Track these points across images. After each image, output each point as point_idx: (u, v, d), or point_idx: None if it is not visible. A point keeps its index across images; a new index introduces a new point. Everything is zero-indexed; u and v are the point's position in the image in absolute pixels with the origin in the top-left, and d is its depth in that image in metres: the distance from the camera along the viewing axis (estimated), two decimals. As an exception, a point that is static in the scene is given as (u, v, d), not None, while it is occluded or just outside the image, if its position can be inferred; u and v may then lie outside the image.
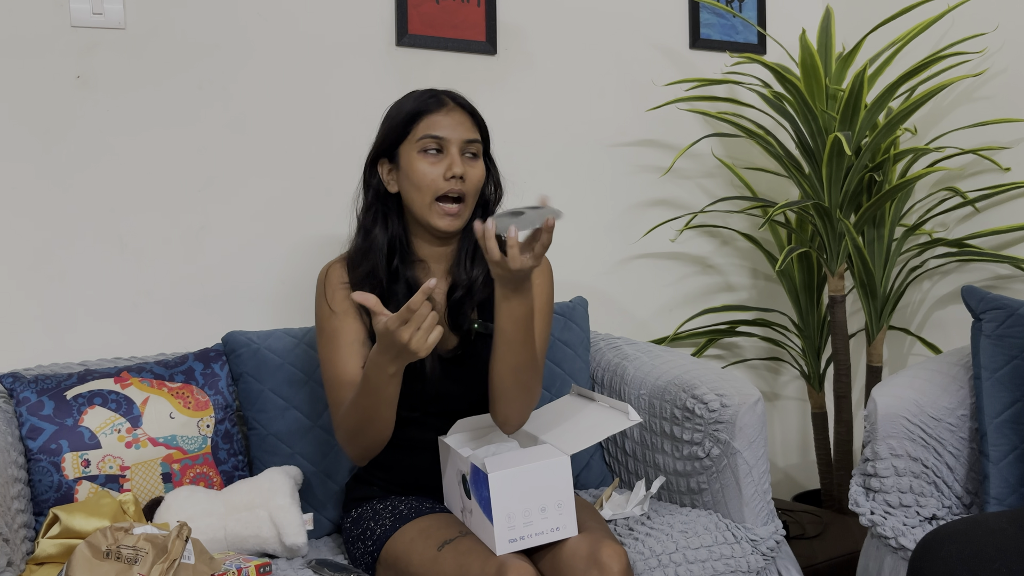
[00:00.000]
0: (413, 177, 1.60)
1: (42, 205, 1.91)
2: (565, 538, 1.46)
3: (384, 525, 1.62)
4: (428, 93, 1.64)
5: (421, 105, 1.61)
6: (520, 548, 1.43)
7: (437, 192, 1.59)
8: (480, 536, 1.49)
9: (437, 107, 1.61)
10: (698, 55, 2.67)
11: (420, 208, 1.61)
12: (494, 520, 1.43)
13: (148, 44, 1.98)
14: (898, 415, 1.79)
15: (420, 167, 1.59)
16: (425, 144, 1.59)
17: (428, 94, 1.64)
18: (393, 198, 1.67)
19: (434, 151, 1.60)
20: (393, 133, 1.63)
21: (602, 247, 2.57)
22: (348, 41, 2.19)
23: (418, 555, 1.52)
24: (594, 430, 1.55)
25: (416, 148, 1.60)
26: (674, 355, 2.04)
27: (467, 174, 1.60)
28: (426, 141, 1.59)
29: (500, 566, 1.39)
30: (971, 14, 2.43)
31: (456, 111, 1.63)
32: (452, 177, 1.59)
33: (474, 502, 1.50)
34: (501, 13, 2.37)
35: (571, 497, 1.47)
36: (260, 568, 1.54)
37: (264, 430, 1.84)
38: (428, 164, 1.59)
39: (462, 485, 1.55)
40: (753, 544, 1.77)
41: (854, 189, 2.33)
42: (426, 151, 1.60)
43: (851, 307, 2.79)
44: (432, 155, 1.60)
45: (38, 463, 1.66)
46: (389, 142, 1.63)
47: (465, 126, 1.62)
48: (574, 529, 1.47)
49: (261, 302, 2.11)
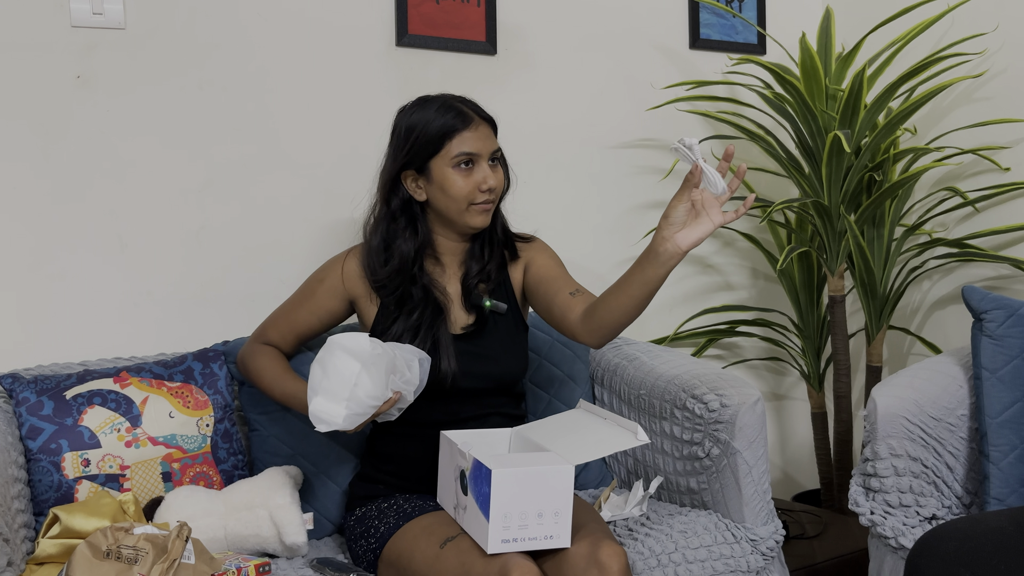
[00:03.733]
0: (451, 191, 1.71)
1: (42, 205, 1.91)
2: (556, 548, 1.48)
3: (388, 523, 1.63)
4: (451, 109, 1.72)
5: (450, 123, 1.71)
6: (511, 550, 1.45)
7: (473, 201, 1.72)
8: (471, 533, 1.51)
9: (465, 125, 1.70)
10: (698, 55, 2.67)
11: (456, 213, 1.73)
12: (490, 518, 1.44)
13: (148, 44, 1.98)
14: (898, 415, 1.79)
15: (456, 181, 1.70)
16: (459, 160, 1.70)
17: (452, 110, 1.71)
18: (419, 204, 1.77)
19: (466, 164, 1.71)
20: (425, 150, 1.71)
21: (603, 248, 2.57)
22: (348, 41, 2.19)
23: (420, 552, 1.53)
24: (600, 445, 1.56)
25: (450, 164, 1.70)
26: (674, 355, 2.04)
27: (497, 183, 1.74)
28: (460, 158, 1.70)
29: (503, 565, 1.40)
30: (971, 14, 2.43)
31: (482, 125, 1.73)
32: (487, 189, 1.72)
33: (470, 498, 1.51)
34: (501, 13, 2.37)
35: (570, 507, 1.47)
36: (260, 568, 1.54)
37: (265, 431, 1.84)
38: (463, 178, 1.70)
39: (459, 481, 1.56)
40: (753, 544, 1.77)
41: (854, 189, 2.33)
42: (459, 166, 1.70)
43: (851, 307, 2.79)
44: (464, 168, 1.71)
45: (38, 463, 1.66)
46: (420, 158, 1.72)
47: (491, 139, 1.74)
48: (567, 540, 1.48)
49: (261, 302, 2.10)
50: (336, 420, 1.54)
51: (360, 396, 1.54)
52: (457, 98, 1.75)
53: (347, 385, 1.53)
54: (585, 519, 1.57)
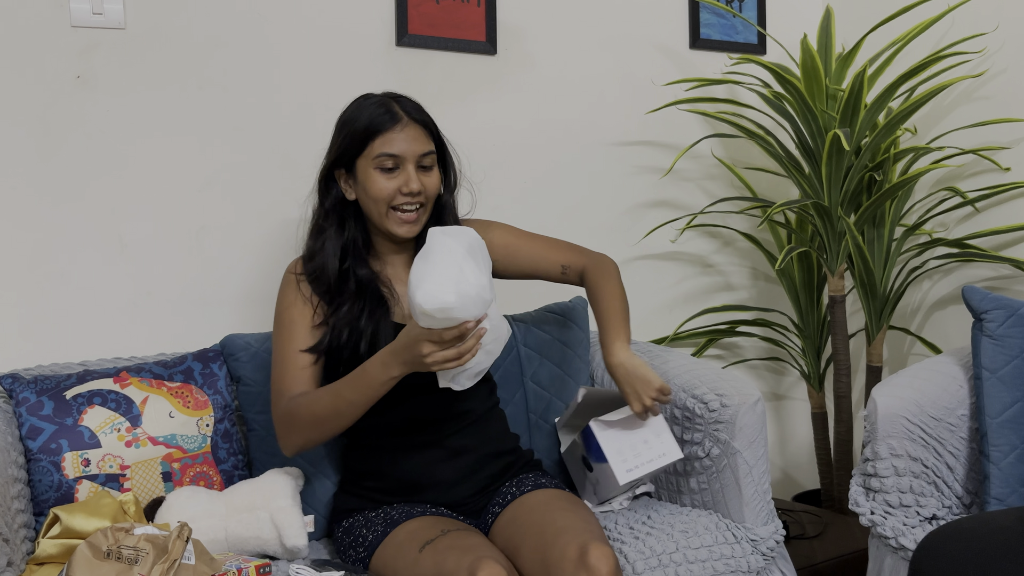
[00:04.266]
0: (371, 191, 1.66)
1: (42, 205, 1.91)
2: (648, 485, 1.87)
3: (376, 531, 1.62)
4: (381, 106, 1.67)
5: (376, 121, 1.65)
6: (636, 476, 1.70)
7: (393, 204, 1.66)
8: (607, 488, 1.76)
9: (391, 124, 1.65)
10: (698, 55, 2.67)
11: (378, 217, 1.68)
12: (608, 459, 1.70)
13: (148, 44, 1.98)
14: (898, 415, 1.79)
15: (377, 182, 1.65)
16: (381, 162, 1.65)
17: (381, 108, 1.67)
18: (352, 204, 1.72)
19: (390, 167, 1.65)
20: (350, 149, 1.67)
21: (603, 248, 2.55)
22: (348, 41, 2.19)
23: (402, 559, 1.52)
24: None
25: (372, 164, 1.66)
26: (674, 355, 2.04)
27: (423, 185, 1.67)
28: (382, 159, 1.65)
29: (472, 564, 1.39)
30: (971, 14, 2.43)
31: (410, 126, 1.67)
32: (408, 193, 1.65)
33: (596, 466, 1.76)
34: (501, 13, 2.37)
35: (665, 426, 1.74)
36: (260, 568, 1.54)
37: (264, 431, 1.84)
38: (385, 179, 1.65)
39: (584, 463, 1.80)
40: (753, 544, 1.77)
41: (854, 189, 2.33)
42: (382, 168, 1.65)
43: (851, 307, 2.79)
44: (387, 171, 1.65)
45: (38, 463, 1.66)
46: (347, 156, 1.68)
47: (420, 140, 1.67)
48: (678, 451, 1.73)
49: (261, 303, 2.10)
50: (447, 298, 1.41)
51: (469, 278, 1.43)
52: (395, 97, 1.71)
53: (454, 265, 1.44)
54: (574, 519, 1.55)
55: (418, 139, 1.67)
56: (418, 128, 1.68)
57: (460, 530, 1.55)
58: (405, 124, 1.66)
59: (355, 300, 1.68)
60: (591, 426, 1.73)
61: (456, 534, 1.52)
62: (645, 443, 1.72)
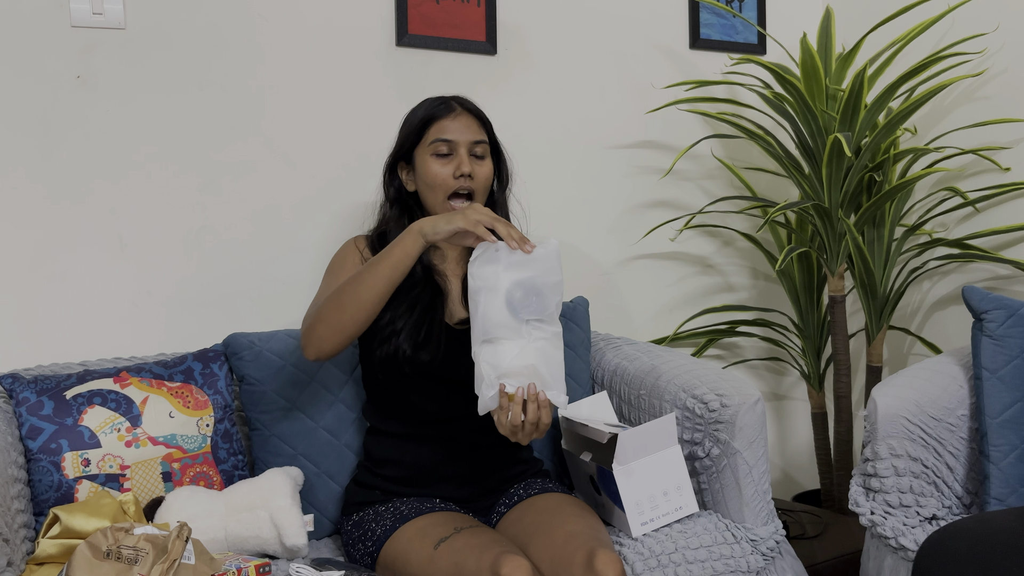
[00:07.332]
0: (427, 177, 1.75)
1: (42, 205, 1.91)
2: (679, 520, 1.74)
3: (384, 525, 1.63)
4: (439, 100, 1.79)
5: (432, 111, 1.77)
6: (651, 530, 1.69)
7: (448, 190, 1.74)
8: (614, 521, 1.73)
9: (446, 112, 1.76)
10: (698, 55, 2.67)
11: (434, 205, 1.76)
12: (626, 509, 1.67)
13: (148, 44, 1.98)
14: (898, 415, 1.79)
15: (432, 168, 1.75)
16: (436, 148, 1.75)
17: (439, 101, 1.79)
18: (413, 195, 1.82)
19: (444, 153, 1.75)
20: (408, 139, 1.78)
21: (603, 248, 2.57)
22: (348, 41, 2.19)
23: (415, 555, 1.53)
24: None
25: (429, 151, 1.75)
26: (674, 355, 2.04)
27: (475, 172, 1.75)
28: (437, 145, 1.75)
29: (495, 560, 1.40)
30: (971, 14, 2.43)
31: (463, 115, 1.77)
32: (461, 176, 1.73)
33: (605, 497, 1.74)
34: (501, 13, 2.37)
35: (687, 479, 1.72)
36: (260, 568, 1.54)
37: (267, 431, 1.84)
38: (439, 165, 1.75)
39: (591, 484, 1.78)
40: (753, 544, 1.77)
41: (854, 189, 2.33)
42: (437, 154, 1.75)
43: (851, 307, 2.79)
44: (442, 157, 1.75)
45: (38, 463, 1.66)
46: (407, 147, 1.79)
47: (472, 128, 1.77)
48: (695, 506, 1.74)
49: (262, 303, 2.10)
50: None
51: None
52: (454, 96, 1.81)
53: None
54: (583, 526, 1.58)
55: (471, 127, 1.77)
56: (471, 118, 1.78)
57: (473, 527, 1.57)
58: (459, 113, 1.77)
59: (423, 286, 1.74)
60: (614, 472, 1.67)
61: (470, 531, 1.54)
62: (664, 495, 1.71)
